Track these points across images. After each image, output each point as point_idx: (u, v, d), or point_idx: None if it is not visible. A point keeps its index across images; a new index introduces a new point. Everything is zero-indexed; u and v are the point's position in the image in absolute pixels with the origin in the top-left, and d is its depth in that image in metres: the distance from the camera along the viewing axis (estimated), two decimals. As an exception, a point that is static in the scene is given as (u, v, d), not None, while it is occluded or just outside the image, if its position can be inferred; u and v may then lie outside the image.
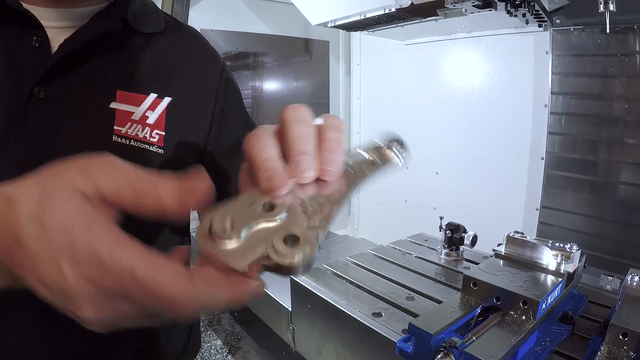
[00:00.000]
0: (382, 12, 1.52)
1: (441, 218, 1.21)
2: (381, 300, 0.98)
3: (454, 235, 1.14)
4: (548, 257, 0.79)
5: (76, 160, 0.25)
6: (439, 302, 0.93)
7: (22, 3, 0.44)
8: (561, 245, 0.81)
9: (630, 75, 1.27)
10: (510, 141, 1.62)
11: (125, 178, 0.24)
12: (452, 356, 0.61)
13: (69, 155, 0.42)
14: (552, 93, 1.43)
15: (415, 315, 0.89)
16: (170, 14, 1.22)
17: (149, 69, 0.49)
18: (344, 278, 1.11)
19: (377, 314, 0.92)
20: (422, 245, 1.33)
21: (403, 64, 2.00)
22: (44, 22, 0.44)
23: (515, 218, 1.59)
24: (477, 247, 1.20)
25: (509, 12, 1.21)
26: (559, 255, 0.78)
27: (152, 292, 0.21)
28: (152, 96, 0.48)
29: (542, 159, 1.47)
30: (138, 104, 0.47)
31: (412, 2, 1.42)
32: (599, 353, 0.62)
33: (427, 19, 1.56)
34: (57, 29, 0.45)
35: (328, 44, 2.24)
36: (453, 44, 1.77)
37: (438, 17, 1.49)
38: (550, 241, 0.83)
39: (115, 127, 0.46)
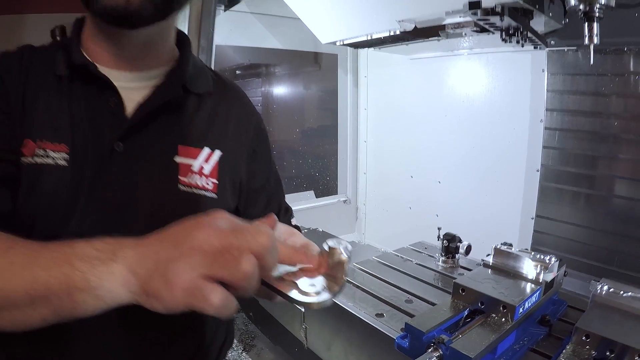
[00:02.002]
0: (387, 34, 1.63)
1: (439, 229, 1.31)
2: (383, 303, 1.09)
3: (450, 245, 1.25)
4: (529, 267, 0.90)
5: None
6: (434, 304, 1.03)
7: (97, 65, 0.53)
8: (541, 256, 0.91)
9: (620, 94, 1.35)
10: (508, 153, 1.69)
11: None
12: (440, 350, 0.72)
13: (144, 200, 0.54)
14: (547, 109, 1.52)
15: (412, 316, 0.99)
16: (197, 43, 1.35)
17: (202, 126, 0.59)
18: (351, 283, 1.22)
19: (380, 315, 1.03)
20: (422, 252, 1.43)
21: (408, 78, 2.08)
22: (116, 83, 0.54)
23: (511, 226, 1.67)
24: (475, 252, 1.28)
25: (503, 40, 1.31)
26: (539, 266, 0.89)
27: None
28: (206, 150, 0.58)
29: (538, 171, 1.55)
30: (195, 156, 0.57)
31: (415, 26, 1.53)
32: (564, 351, 0.73)
33: (430, 39, 1.66)
34: (127, 89, 0.55)
35: (337, 57, 2.31)
36: (455, 60, 1.85)
37: (440, 38, 1.59)
38: (532, 253, 0.94)
39: (179, 177, 0.55)
